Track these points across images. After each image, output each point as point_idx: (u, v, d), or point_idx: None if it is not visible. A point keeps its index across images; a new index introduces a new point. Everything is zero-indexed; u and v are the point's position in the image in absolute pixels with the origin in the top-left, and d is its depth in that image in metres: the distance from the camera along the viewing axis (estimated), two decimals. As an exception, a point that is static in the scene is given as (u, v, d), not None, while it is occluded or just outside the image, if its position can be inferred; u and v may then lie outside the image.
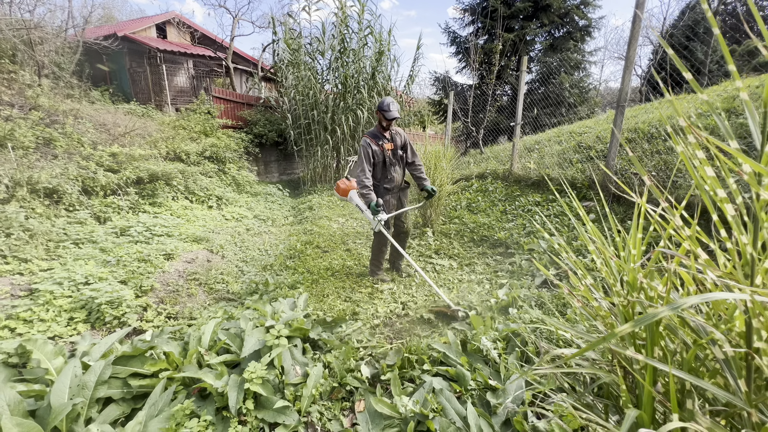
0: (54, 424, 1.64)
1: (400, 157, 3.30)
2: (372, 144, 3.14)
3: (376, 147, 3.15)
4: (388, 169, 3.26)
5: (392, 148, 3.23)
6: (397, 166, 3.31)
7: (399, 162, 3.31)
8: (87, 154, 5.51)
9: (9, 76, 7.19)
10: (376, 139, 3.18)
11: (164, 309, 3.12)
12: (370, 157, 3.13)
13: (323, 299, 3.15)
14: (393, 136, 3.24)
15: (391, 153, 3.22)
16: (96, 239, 4.15)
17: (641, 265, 0.78)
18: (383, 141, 3.19)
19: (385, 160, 3.22)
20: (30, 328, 2.50)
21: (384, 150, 3.18)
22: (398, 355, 2.10)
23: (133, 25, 11.39)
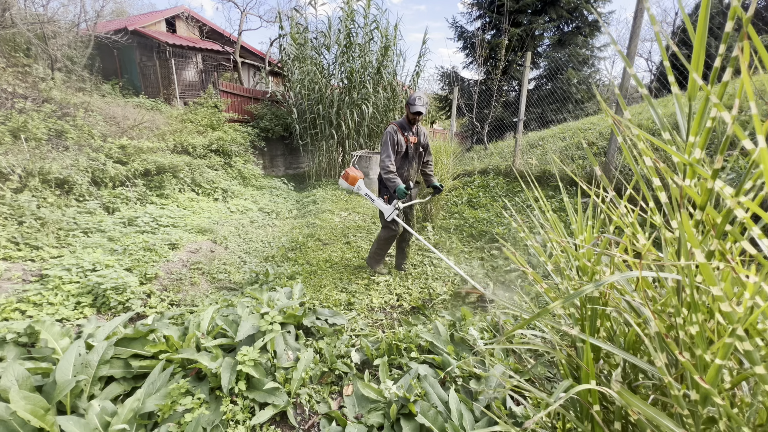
0: (59, 399, 1.74)
1: (419, 154, 3.29)
2: (398, 132, 3.13)
3: (401, 136, 3.13)
4: (407, 162, 3.25)
5: (415, 142, 3.21)
6: (414, 162, 3.29)
7: (417, 158, 3.30)
8: (97, 146, 5.66)
9: (23, 69, 7.38)
10: (402, 129, 3.16)
11: (167, 296, 3.23)
12: (394, 144, 3.10)
13: (320, 289, 3.23)
14: (418, 131, 3.24)
15: (413, 147, 3.21)
16: (104, 228, 4.29)
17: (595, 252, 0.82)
18: (408, 133, 3.18)
19: (408, 152, 3.20)
20: (39, 311, 2.63)
21: (408, 141, 3.17)
22: (387, 343, 2.16)
23: (143, 20, 11.55)
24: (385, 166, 3.05)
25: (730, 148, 3.27)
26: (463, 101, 9.46)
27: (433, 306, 2.86)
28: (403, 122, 3.18)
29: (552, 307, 0.59)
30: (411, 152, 3.21)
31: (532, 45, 10.02)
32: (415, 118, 3.10)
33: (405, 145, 3.16)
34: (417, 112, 3.00)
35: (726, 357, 0.47)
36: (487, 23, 10.59)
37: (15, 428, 1.61)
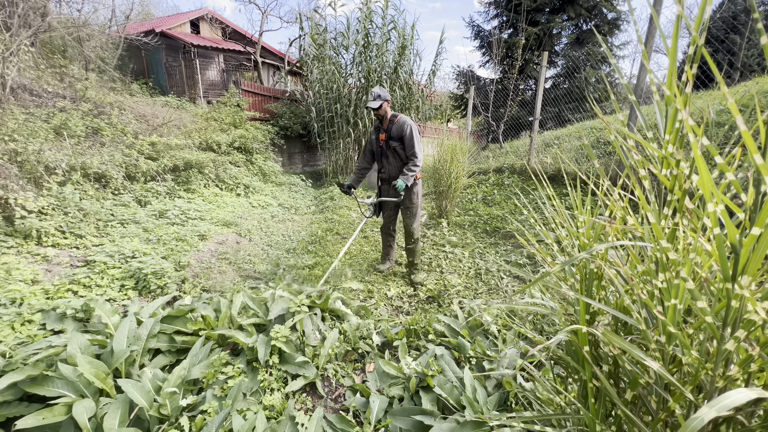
0: (116, 366, 1.97)
1: (393, 149, 3.24)
2: (372, 133, 3.39)
3: (374, 136, 3.37)
4: (379, 159, 3.39)
5: (384, 139, 3.26)
6: (390, 158, 3.30)
7: (393, 154, 3.27)
8: (129, 143, 5.99)
9: (60, 70, 7.83)
10: (376, 129, 3.36)
11: (199, 282, 3.47)
12: (367, 144, 3.44)
13: (341, 280, 3.41)
14: (390, 127, 3.22)
15: (383, 143, 3.29)
16: (139, 220, 4.59)
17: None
18: (380, 131, 3.31)
19: (376, 149, 3.37)
20: (89, 292, 2.89)
21: (378, 140, 3.32)
22: (405, 327, 2.33)
23: (169, 21, 12.00)
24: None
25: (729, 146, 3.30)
26: (479, 100, 9.51)
27: (449, 296, 3.01)
28: (378, 122, 3.34)
29: (552, 270, 0.74)
30: (381, 149, 3.32)
31: (550, 44, 9.98)
32: (376, 113, 3.20)
33: (376, 143, 3.35)
34: (368, 107, 3.17)
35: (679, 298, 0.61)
36: (504, 22, 10.59)
37: (80, 388, 1.83)
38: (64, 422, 1.72)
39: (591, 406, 0.73)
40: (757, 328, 0.56)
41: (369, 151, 3.47)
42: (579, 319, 0.83)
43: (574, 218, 1.05)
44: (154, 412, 1.74)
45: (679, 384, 0.59)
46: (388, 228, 3.63)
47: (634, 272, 0.80)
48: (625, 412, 0.69)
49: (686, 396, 0.59)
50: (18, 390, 1.80)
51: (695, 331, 0.66)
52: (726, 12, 11.36)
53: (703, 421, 0.43)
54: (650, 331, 0.69)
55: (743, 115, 3.84)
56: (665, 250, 0.61)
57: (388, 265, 3.69)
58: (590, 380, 0.74)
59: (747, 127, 0.52)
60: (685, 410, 0.69)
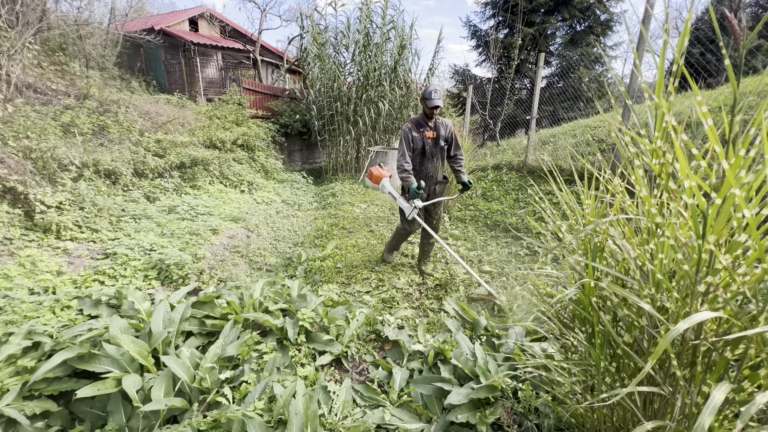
0: (155, 345, 2.14)
1: (440, 149, 3.16)
2: (413, 130, 3.08)
3: (416, 134, 3.08)
4: (427, 159, 3.16)
5: (433, 137, 3.11)
6: (436, 158, 3.19)
7: (439, 154, 3.19)
8: (135, 140, 6.09)
9: (62, 68, 7.87)
10: (418, 126, 3.10)
11: (215, 273, 3.63)
12: (409, 142, 3.06)
13: (352, 270, 3.60)
14: (437, 126, 3.11)
15: (432, 142, 3.12)
16: (150, 215, 4.71)
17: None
18: (425, 128, 3.09)
19: (425, 149, 3.12)
20: (114, 282, 3.04)
21: (425, 138, 3.09)
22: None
23: (168, 19, 12.01)
24: (400, 165, 3.00)
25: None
26: (476, 99, 9.73)
27: (455, 284, 3.20)
28: (419, 119, 3.13)
29: (565, 241, 0.92)
30: (429, 148, 3.12)
31: (545, 44, 10.23)
32: (433, 112, 3.02)
33: (422, 142, 3.10)
34: (434, 106, 2.93)
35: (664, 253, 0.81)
36: (500, 22, 10.81)
37: (124, 365, 2.00)
38: (113, 394, 1.88)
39: (597, 346, 0.92)
40: (721, 274, 0.75)
41: (413, 150, 3.11)
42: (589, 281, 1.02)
43: (580, 203, 1.25)
44: (196, 385, 1.92)
45: (665, 321, 0.78)
46: (437, 230, 3.47)
47: (630, 243, 0.99)
48: (625, 350, 0.88)
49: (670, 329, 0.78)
50: (67, 367, 1.96)
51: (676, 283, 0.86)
52: (715, 12, 11.71)
53: (678, 331, 0.62)
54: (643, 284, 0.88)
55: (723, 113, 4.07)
56: (653, 216, 0.80)
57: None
58: (596, 324, 0.93)
59: (714, 125, 0.72)
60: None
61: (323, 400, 1.77)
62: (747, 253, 0.75)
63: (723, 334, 0.75)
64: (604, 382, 0.95)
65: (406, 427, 1.60)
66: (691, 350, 0.80)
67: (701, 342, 0.77)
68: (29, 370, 1.89)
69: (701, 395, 0.77)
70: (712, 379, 0.75)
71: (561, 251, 1.14)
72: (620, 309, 0.89)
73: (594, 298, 0.92)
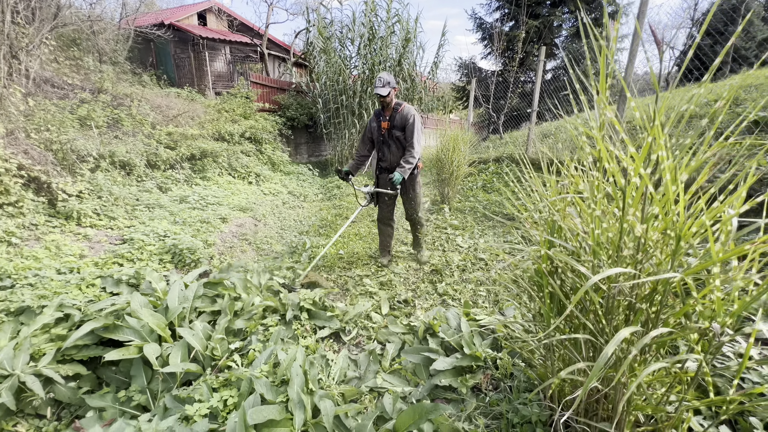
0: (170, 319, 2.35)
1: (396, 138, 3.19)
2: (373, 120, 3.31)
3: (374, 123, 3.28)
4: (380, 147, 3.31)
5: (387, 127, 3.20)
6: (392, 147, 3.24)
7: (395, 142, 3.22)
8: (148, 133, 6.33)
9: (76, 62, 8.13)
10: (377, 117, 3.28)
11: (225, 259, 3.85)
12: (366, 131, 3.35)
13: (354, 256, 3.79)
14: (393, 116, 3.16)
15: (386, 132, 3.22)
16: (163, 204, 4.95)
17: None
18: (382, 119, 3.23)
19: (378, 139, 3.29)
20: (133, 265, 3.27)
21: (380, 128, 3.23)
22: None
23: (177, 14, 12.21)
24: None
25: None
26: (480, 92, 9.78)
27: (451, 270, 3.38)
28: (379, 109, 3.29)
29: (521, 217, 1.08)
30: (383, 137, 3.25)
31: (550, 36, 10.20)
32: (382, 101, 3.09)
33: (377, 132, 3.27)
34: (377, 94, 3.03)
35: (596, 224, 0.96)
36: (505, 14, 10.79)
37: (143, 336, 2.22)
38: (135, 360, 2.11)
39: (547, 304, 1.08)
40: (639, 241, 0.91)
41: (368, 139, 3.36)
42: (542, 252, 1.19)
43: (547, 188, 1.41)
44: (208, 353, 2.13)
45: (599, 284, 0.95)
46: (386, 219, 3.52)
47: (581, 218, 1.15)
48: (572, 309, 1.05)
49: (602, 288, 0.94)
50: (95, 336, 2.18)
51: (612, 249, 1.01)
52: (726, 4, 11.52)
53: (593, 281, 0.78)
54: (582, 252, 1.05)
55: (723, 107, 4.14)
56: (591, 194, 0.96)
57: (389, 258, 3.64)
58: (547, 287, 1.09)
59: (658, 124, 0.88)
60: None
61: (322, 367, 1.97)
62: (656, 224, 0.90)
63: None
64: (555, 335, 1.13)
65: (395, 389, 1.79)
66: (616, 303, 0.96)
67: (620, 295, 0.93)
68: (61, 337, 2.12)
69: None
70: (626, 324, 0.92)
71: (523, 228, 1.30)
72: (567, 273, 1.05)
73: (545, 265, 1.08)
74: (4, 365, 1.84)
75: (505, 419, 1.42)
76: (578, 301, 1.10)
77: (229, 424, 1.38)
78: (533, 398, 1.46)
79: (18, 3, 6.25)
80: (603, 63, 1.00)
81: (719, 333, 0.75)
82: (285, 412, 1.55)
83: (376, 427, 1.55)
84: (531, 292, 1.29)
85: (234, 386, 1.75)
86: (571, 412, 0.99)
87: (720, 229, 0.85)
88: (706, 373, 0.83)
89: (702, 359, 0.80)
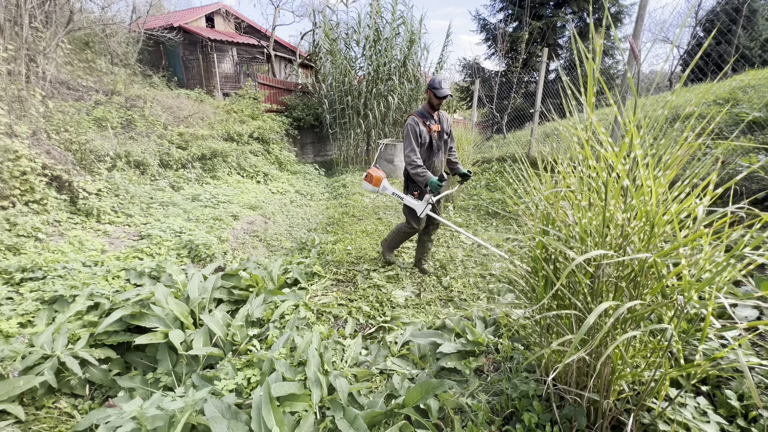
0: (191, 308, 2.52)
1: (444, 142, 3.07)
2: (419, 123, 2.91)
3: (423, 127, 2.91)
4: (433, 153, 3.03)
5: (439, 131, 2.99)
6: (441, 152, 3.08)
7: (443, 147, 3.08)
8: (160, 134, 6.52)
9: (89, 64, 8.34)
10: (424, 119, 2.94)
11: (238, 254, 4.02)
12: (417, 136, 2.89)
13: (361, 251, 3.93)
14: (441, 118, 3.00)
15: (437, 135, 2.99)
16: (176, 202, 5.13)
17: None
18: (431, 121, 2.95)
19: (432, 143, 2.98)
20: (152, 259, 3.44)
21: (431, 131, 2.95)
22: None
23: (186, 16, 12.44)
24: (411, 161, 2.84)
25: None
26: (484, 92, 9.89)
27: (455, 264, 3.51)
28: (423, 111, 2.98)
29: (521, 207, 1.22)
30: (435, 142, 3.00)
31: (554, 37, 10.29)
32: (440, 103, 2.90)
33: (428, 136, 2.95)
34: (444, 95, 2.81)
35: (582, 214, 1.10)
36: (509, 15, 10.89)
37: (168, 323, 2.37)
38: (161, 345, 2.26)
39: (541, 285, 1.22)
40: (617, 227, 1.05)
41: (420, 145, 2.95)
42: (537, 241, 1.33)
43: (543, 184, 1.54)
44: (229, 339, 2.29)
45: (585, 265, 1.08)
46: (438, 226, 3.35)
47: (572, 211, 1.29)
48: (563, 290, 1.19)
49: (589, 271, 1.08)
50: (123, 323, 2.35)
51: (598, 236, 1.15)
52: (729, 5, 11.55)
53: (577, 261, 0.91)
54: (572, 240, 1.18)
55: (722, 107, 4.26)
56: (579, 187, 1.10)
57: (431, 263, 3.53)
58: (541, 270, 1.23)
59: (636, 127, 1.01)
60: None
61: (336, 351, 2.12)
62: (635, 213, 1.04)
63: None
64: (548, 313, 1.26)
65: (403, 371, 1.94)
66: (601, 285, 1.09)
67: (604, 276, 1.07)
68: (93, 324, 2.29)
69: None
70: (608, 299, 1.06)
71: (522, 221, 1.44)
72: (559, 259, 1.18)
73: (540, 251, 1.22)
74: (44, 347, 2.00)
75: (504, 395, 1.56)
76: (568, 284, 1.24)
77: (255, 397, 1.53)
78: (531, 376, 1.60)
79: (35, 8, 6.47)
80: (590, 72, 1.13)
81: (683, 304, 0.88)
82: (303, 388, 1.70)
83: (386, 402, 1.70)
84: (528, 277, 1.43)
85: (255, 366, 1.90)
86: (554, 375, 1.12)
87: (690, 217, 0.98)
88: (677, 341, 0.97)
89: (673, 329, 0.94)
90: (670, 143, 1.16)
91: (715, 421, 1.22)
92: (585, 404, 1.29)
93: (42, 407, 1.93)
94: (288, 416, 1.54)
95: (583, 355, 1.07)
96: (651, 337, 1.25)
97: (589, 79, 1.08)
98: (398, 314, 2.55)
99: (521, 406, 1.48)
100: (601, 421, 1.24)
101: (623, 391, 1.24)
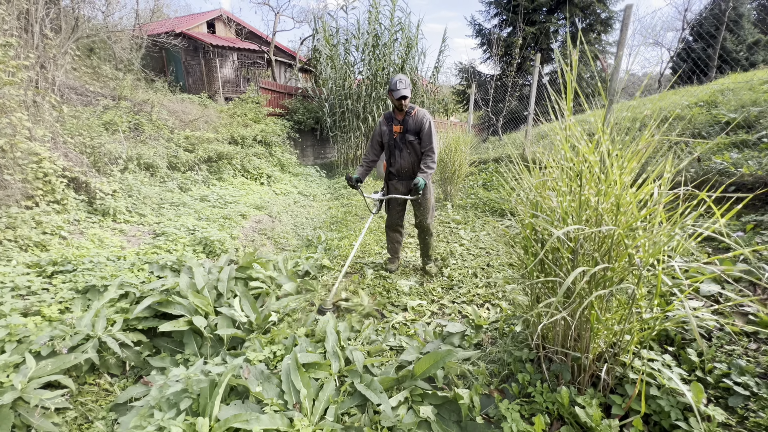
0: (212, 296, 2.72)
1: (409, 143, 3.03)
2: (383, 124, 3.12)
3: (385, 127, 3.11)
4: (392, 153, 3.14)
5: (400, 131, 3.05)
6: (404, 152, 3.08)
7: (407, 147, 3.05)
8: (167, 137, 6.73)
9: (94, 70, 8.55)
10: (388, 120, 3.11)
11: (248, 250, 4.22)
12: (376, 135, 3.17)
13: (366, 246, 4.16)
14: (406, 119, 3.01)
15: (398, 136, 3.07)
16: (186, 203, 5.34)
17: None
18: (393, 123, 3.08)
19: (389, 143, 3.11)
20: (170, 254, 3.65)
21: (392, 132, 3.08)
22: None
23: (187, 22, 12.67)
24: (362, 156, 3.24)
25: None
26: (480, 95, 10.18)
27: (455, 257, 3.74)
28: (391, 112, 3.12)
29: (513, 196, 1.46)
30: (395, 141, 3.08)
31: (546, 42, 10.61)
32: (401, 104, 2.91)
33: (389, 136, 3.09)
34: (400, 96, 2.84)
35: (563, 198, 1.33)
36: (504, 21, 11.21)
37: (192, 310, 2.58)
38: (186, 331, 2.47)
39: (530, 257, 1.45)
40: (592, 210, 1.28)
41: (378, 143, 3.19)
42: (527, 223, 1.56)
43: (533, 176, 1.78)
44: (251, 324, 2.50)
45: (566, 240, 1.32)
46: (396, 225, 3.40)
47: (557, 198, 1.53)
48: (545, 260, 1.42)
49: (570, 245, 1.31)
50: (151, 310, 2.55)
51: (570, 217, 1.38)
52: (716, 9, 11.94)
53: (557, 234, 1.14)
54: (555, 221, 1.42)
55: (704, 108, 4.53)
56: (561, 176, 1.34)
57: (397, 264, 3.52)
58: (531, 248, 1.46)
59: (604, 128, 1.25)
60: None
61: (350, 332, 2.34)
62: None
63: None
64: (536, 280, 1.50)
65: (410, 347, 2.16)
66: (579, 258, 1.33)
67: (581, 249, 1.30)
68: (125, 310, 2.50)
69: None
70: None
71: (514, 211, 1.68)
72: (545, 238, 1.41)
73: (528, 231, 1.45)
74: (86, 329, 2.21)
75: (501, 361, 1.79)
76: (554, 259, 1.48)
77: (284, 365, 1.75)
78: (524, 344, 1.83)
79: (45, 16, 6.67)
80: (570, 82, 1.37)
81: (641, 265, 1.11)
82: (324, 359, 1.92)
83: (397, 372, 1.92)
84: (519, 256, 1.66)
85: (279, 343, 2.12)
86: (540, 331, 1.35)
87: (648, 198, 1.22)
88: (641, 297, 1.20)
89: (635, 287, 1.17)
90: (633, 140, 1.40)
91: (677, 372, 1.45)
92: (569, 362, 1.52)
93: (84, 383, 2.14)
94: (312, 381, 1.76)
95: (566, 316, 1.30)
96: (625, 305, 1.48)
97: (568, 88, 1.32)
98: (404, 300, 2.77)
99: (516, 368, 1.71)
100: (583, 375, 1.48)
101: (602, 352, 1.47)
